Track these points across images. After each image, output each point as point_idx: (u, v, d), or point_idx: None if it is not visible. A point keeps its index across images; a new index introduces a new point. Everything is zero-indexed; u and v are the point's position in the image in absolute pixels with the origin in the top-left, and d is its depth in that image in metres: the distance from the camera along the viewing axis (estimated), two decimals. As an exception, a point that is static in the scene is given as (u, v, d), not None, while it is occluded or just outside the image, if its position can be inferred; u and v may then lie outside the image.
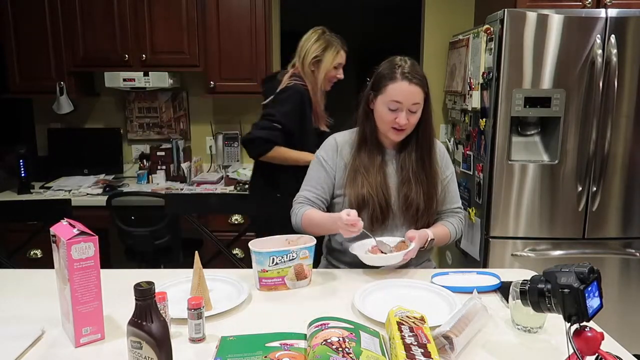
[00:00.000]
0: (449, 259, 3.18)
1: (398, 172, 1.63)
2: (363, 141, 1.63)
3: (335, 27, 2.28)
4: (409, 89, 1.50)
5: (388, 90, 1.52)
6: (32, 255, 2.73)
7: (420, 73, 1.54)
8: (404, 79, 1.50)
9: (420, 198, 1.58)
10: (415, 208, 1.58)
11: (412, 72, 1.51)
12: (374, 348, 0.97)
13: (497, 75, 2.34)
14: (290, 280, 1.40)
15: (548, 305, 0.91)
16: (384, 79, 1.54)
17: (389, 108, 1.52)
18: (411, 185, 1.59)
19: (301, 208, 1.62)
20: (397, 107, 1.52)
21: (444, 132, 3.25)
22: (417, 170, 1.60)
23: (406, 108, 1.51)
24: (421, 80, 1.52)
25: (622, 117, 2.36)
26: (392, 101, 1.51)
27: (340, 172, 1.64)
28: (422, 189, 1.59)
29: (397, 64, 1.53)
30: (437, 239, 1.59)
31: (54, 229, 1.10)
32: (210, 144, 3.33)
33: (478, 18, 3.10)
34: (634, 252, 2.47)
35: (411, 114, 1.53)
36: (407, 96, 1.50)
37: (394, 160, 1.65)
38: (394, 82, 1.51)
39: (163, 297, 1.07)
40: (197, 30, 2.86)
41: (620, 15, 2.27)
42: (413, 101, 1.51)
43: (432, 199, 1.60)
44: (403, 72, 1.51)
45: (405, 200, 1.59)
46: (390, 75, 1.52)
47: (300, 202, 1.65)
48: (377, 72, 1.58)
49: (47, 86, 2.90)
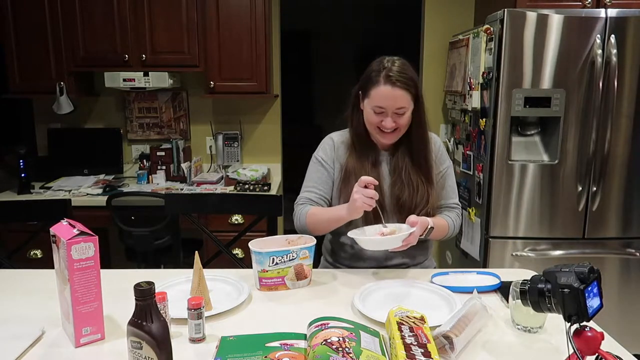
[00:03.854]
0: (449, 259, 3.18)
1: (391, 173, 1.61)
2: (355, 142, 1.61)
3: (335, 27, 2.28)
4: (392, 93, 1.46)
5: (372, 95, 1.50)
6: (32, 255, 2.73)
7: (408, 75, 1.49)
8: (387, 83, 1.46)
9: (413, 200, 1.56)
10: (407, 210, 1.55)
11: (397, 74, 1.46)
12: (374, 348, 0.97)
13: (497, 75, 2.34)
14: (290, 280, 1.40)
15: (548, 305, 0.91)
16: (369, 82, 1.51)
17: (374, 112, 1.51)
18: (403, 187, 1.57)
19: (303, 208, 1.60)
20: (382, 111, 1.49)
21: (444, 132, 3.25)
22: (410, 172, 1.58)
23: (391, 112, 1.49)
24: (407, 83, 1.47)
25: (622, 117, 2.36)
26: (376, 106, 1.49)
27: (337, 172, 1.63)
28: (416, 191, 1.57)
29: (384, 66, 1.49)
30: (436, 228, 1.54)
31: (54, 229, 1.10)
32: (210, 144, 3.33)
33: (478, 18, 3.10)
34: (634, 252, 2.47)
35: (398, 116, 1.50)
36: (391, 101, 1.47)
37: (387, 161, 1.63)
38: (377, 87, 1.48)
39: (163, 297, 1.07)
40: (197, 30, 2.86)
41: (620, 15, 2.27)
42: (397, 105, 1.48)
43: (426, 201, 1.57)
44: (387, 75, 1.46)
45: (397, 201, 1.58)
46: (374, 79, 1.49)
47: (302, 204, 1.62)
48: (364, 74, 1.54)
49: (47, 86, 2.90)
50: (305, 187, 1.65)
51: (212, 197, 2.19)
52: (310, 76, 5.91)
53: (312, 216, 1.56)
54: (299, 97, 5.48)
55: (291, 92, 3.78)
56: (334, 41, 5.61)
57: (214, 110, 3.31)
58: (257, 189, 2.90)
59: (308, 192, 1.63)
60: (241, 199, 2.29)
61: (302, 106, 5.78)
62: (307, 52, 5.73)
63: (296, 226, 1.61)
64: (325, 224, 1.55)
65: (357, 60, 5.67)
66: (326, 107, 5.61)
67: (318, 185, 1.63)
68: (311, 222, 1.56)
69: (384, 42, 5.30)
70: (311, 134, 4.72)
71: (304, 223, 1.58)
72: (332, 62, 5.68)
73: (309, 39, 5.67)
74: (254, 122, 3.34)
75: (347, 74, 5.61)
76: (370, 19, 5.45)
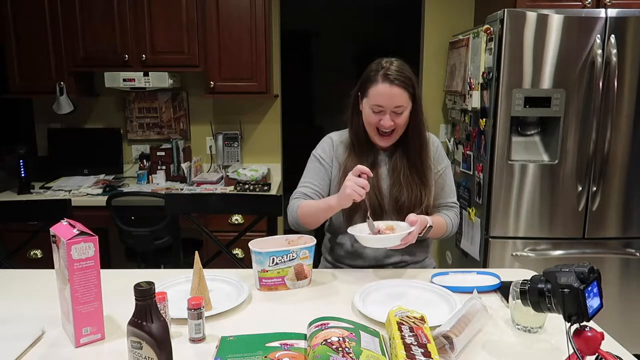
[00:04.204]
0: (449, 259, 3.18)
1: (390, 174, 1.62)
2: (354, 142, 1.62)
3: (335, 27, 2.28)
4: (391, 91, 1.48)
5: (370, 94, 1.52)
6: (32, 255, 2.73)
7: (406, 75, 1.51)
8: (385, 81, 1.48)
9: (411, 201, 1.57)
10: (406, 211, 1.56)
11: (395, 73, 1.49)
12: (374, 348, 0.97)
13: (497, 75, 2.34)
14: (290, 280, 1.40)
15: (548, 305, 0.91)
16: (368, 82, 1.53)
17: (373, 111, 1.52)
18: (402, 188, 1.58)
19: (296, 202, 1.61)
20: (380, 110, 1.51)
21: (444, 132, 3.25)
22: (408, 173, 1.59)
23: (389, 111, 1.50)
24: (405, 82, 1.49)
25: (622, 117, 2.36)
26: (374, 104, 1.51)
27: (335, 172, 1.64)
28: (414, 192, 1.57)
29: (382, 66, 1.51)
30: (435, 227, 1.55)
31: (54, 229, 1.10)
32: (210, 144, 3.33)
33: (478, 18, 3.10)
34: (634, 252, 2.47)
35: (396, 115, 1.51)
36: (389, 99, 1.49)
37: (386, 161, 1.64)
38: (375, 85, 1.50)
39: (163, 297, 1.07)
40: (197, 30, 2.86)
41: (620, 15, 2.27)
42: (395, 104, 1.49)
43: (424, 201, 1.58)
44: (385, 74, 1.49)
45: (396, 203, 1.58)
46: (373, 78, 1.51)
47: (296, 198, 1.63)
48: (363, 74, 1.57)
49: (47, 86, 2.90)
50: (302, 183, 1.66)
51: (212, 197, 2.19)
52: (310, 76, 5.90)
53: (303, 208, 1.57)
54: (299, 97, 5.47)
55: (291, 92, 3.78)
56: (334, 41, 5.61)
57: (214, 110, 3.31)
58: (257, 189, 2.90)
59: (304, 187, 1.64)
60: (241, 199, 2.29)
61: (302, 106, 5.78)
62: (307, 52, 5.73)
63: (289, 220, 1.63)
64: (316, 214, 1.55)
65: (357, 60, 5.67)
66: (326, 107, 5.60)
67: (314, 181, 1.64)
68: (302, 213, 1.57)
69: (384, 42, 5.30)
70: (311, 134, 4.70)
71: (295, 216, 1.59)
72: (332, 62, 5.68)
73: (309, 39, 5.67)
74: (254, 122, 3.34)
75: (347, 74, 5.60)
76: (370, 19, 5.45)
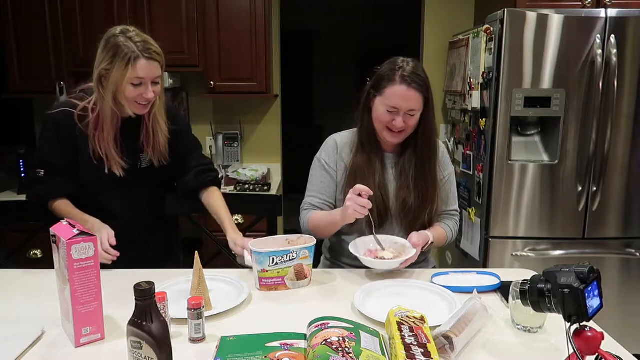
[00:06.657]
0: (449, 259, 3.18)
1: (397, 177, 1.62)
2: (362, 143, 1.62)
3: (334, 27, 2.28)
4: (407, 94, 1.48)
5: (386, 93, 1.51)
6: (32, 255, 2.73)
7: (422, 77, 1.51)
8: (403, 83, 1.48)
9: (418, 204, 1.58)
10: (413, 214, 1.58)
11: (412, 75, 1.48)
12: (374, 348, 0.97)
13: (497, 75, 2.34)
14: (290, 280, 1.40)
15: (548, 305, 0.91)
16: (383, 81, 1.52)
17: (387, 110, 1.52)
18: (410, 192, 1.58)
19: (307, 214, 1.64)
20: (395, 111, 1.50)
21: (444, 132, 3.25)
22: (416, 176, 1.59)
23: (403, 112, 1.50)
24: (421, 85, 1.50)
25: (622, 117, 2.36)
26: (390, 105, 1.50)
27: (341, 174, 1.63)
28: (421, 196, 1.58)
29: (399, 66, 1.51)
30: (435, 241, 1.59)
31: (54, 229, 1.10)
32: (210, 144, 3.32)
33: (478, 18, 3.10)
34: (634, 252, 2.47)
35: (409, 117, 1.51)
36: (405, 101, 1.48)
37: (393, 164, 1.63)
38: (392, 85, 1.49)
39: (163, 297, 1.07)
40: (197, 30, 2.86)
41: (620, 15, 2.27)
42: (410, 107, 1.49)
43: (430, 205, 1.59)
44: (403, 75, 1.48)
45: (403, 206, 1.58)
46: (389, 77, 1.50)
47: (306, 209, 1.66)
48: (378, 72, 1.56)
49: (47, 86, 2.89)
50: (309, 192, 1.68)
51: (212, 197, 2.18)
52: (310, 76, 5.91)
53: (313, 221, 1.61)
54: (299, 97, 5.48)
55: (291, 92, 3.78)
56: (334, 41, 5.61)
57: (214, 110, 3.31)
58: (257, 189, 2.90)
59: (311, 198, 1.66)
60: (241, 199, 2.29)
61: (302, 106, 5.78)
62: (307, 52, 5.73)
63: (302, 230, 1.65)
64: (324, 227, 1.60)
65: (357, 60, 5.68)
66: (326, 107, 5.62)
67: (321, 190, 1.65)
68: (313, 226, 1.61)
69: (384, 42, 5.30)
70: (311, 134, 4.73)
71: (307, 228, 1.63)
72: (332, 62, 5.68)
73: (309, 39, 5.67)
74: (254, 122, 3.34)
75: (347, 74, 5.61)
76: (370, 19, 5.45)
